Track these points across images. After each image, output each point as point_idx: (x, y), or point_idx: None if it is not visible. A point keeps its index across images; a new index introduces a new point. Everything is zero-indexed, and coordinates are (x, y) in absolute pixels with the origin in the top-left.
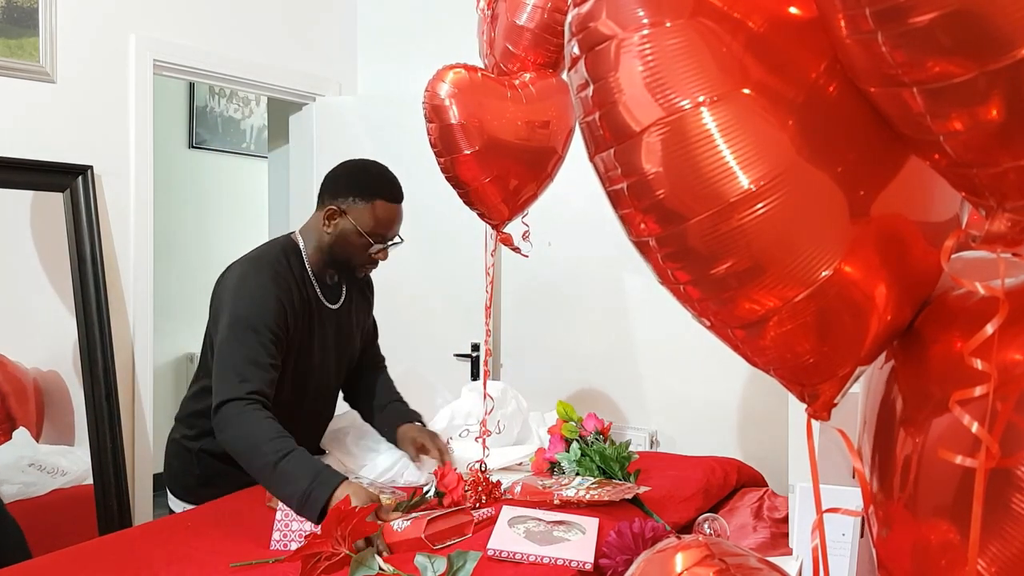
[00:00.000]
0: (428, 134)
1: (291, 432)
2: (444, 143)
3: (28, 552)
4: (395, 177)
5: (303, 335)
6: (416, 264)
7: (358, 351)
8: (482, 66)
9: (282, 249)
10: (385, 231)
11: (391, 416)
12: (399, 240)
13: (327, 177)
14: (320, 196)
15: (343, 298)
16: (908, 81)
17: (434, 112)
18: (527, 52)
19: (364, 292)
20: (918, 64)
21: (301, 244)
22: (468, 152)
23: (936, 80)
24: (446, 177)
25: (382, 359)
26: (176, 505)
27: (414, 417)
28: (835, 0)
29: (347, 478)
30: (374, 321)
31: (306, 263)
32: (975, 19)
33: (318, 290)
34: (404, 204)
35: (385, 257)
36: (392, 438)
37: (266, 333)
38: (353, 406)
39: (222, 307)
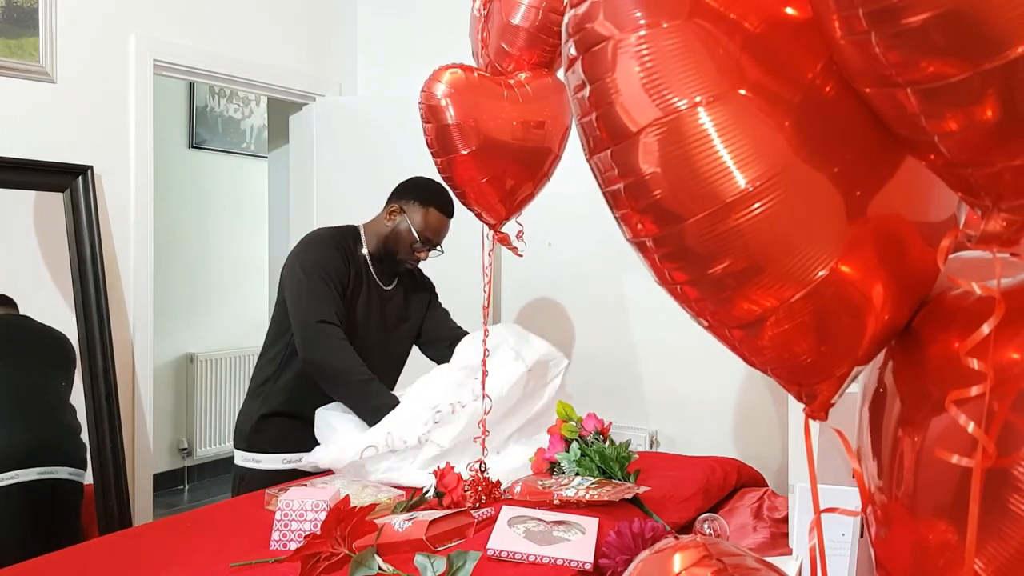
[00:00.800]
0: (424, 134)
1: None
2: (441, 143)
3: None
4: (449, 194)
5: (351, 295)
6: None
7: (414, 332)
8: (476, 66)
9: (344, 229)
10: (431, 236)
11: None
12: (440, 251)
13: (400, 184)
14: (389, 197)
15: (395, 283)
16: (902, 82)
17: (430, 112)
18: (522, 52)
19: (417, 286)
20: (912, 64)
21: (362, 233)
22: (465, 152)
23: (930, 80)
24: (443, 177)
25: (463, 332)
26: (237, 457)
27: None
28: (829, 1)
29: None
30: (443, 309)
31: (364, 246)
32: (968, 19)
33: (372, 270)
34: None
35: (425, 257)
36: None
37: (330, 279)
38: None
39: (293, 263)
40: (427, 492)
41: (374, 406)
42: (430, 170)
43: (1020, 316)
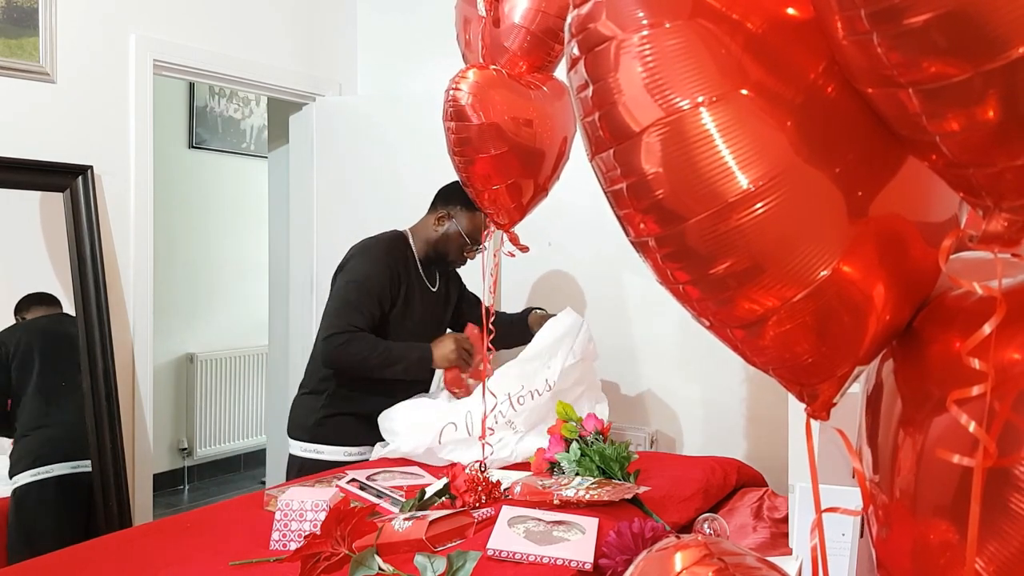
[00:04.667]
0: (447, 133)
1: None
2: (464, 144)
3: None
4: None
5: (403, 302)
6: None
7: (447, 323)
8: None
9: (394, 237)
10: (480, 237)
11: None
12: (485, 247)
13: (441, 190)
14: (433, 203)
15: (438, 284)
16: (904, 82)
17: (456, 113)
18: (523, 55)
19: (452, 278)
20: (914, 65)
21: (411, 239)
22: (487, 155)
23: (932, 81)
24: (461, 177)
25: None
26: (295, 448)
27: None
28: (831, 1)
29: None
30: (469, 296)
31: (415, 251)
32: (970, 20)
33: (422, 273)
34: (403, 203)
35: (474, 257)
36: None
37: (369, 290)
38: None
39: (340, 272)
40: (427, 493)
41: (414, 359)
42: (430, 170)
43: (1021, 316)
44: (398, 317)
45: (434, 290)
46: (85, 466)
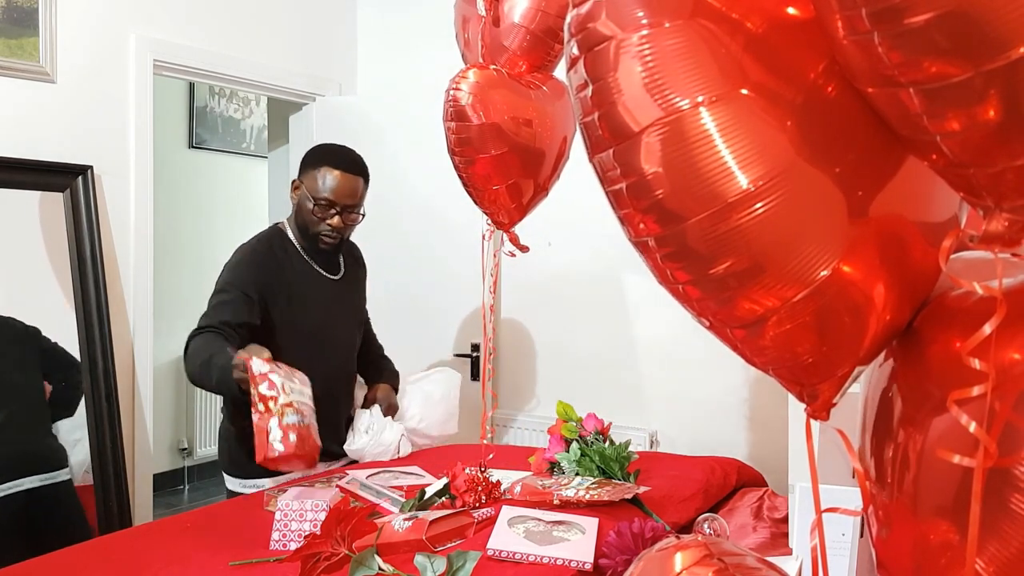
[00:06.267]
0: (448, 133)
1: (316, 385)
2: (464, 144)
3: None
4: (350, 151)
5: (291, 297)
6: (416, 264)
7: (363, 316)
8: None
9: (266, 234)
10: (330, 195)
11: (373, 373)
12: (360, 213)
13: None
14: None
15: (343, 272)
16: (905, 81)
17: (457, 113)
18: (523, 54)
19: (358, 266)
20: (914, 64)
21: (287, 228)
22: (488, 155)
23: (933, 80)
24: (460, 177)
25: (380, 348)
26: (234, 484)
27: (388, 378)
28: (831, 1)
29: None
30: (365, 311)
31: (292, 241)
32: (971, 19)
33: (313, 264)
34: (403, 203)
35: (338, 224)
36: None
37: (236, 292)
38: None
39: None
40: (427, 494)
41: (219, 365)
42: (430, 169)
43: (1021, 316)
44: (289, 316)
45: (336, 278)
46: (53, 478)
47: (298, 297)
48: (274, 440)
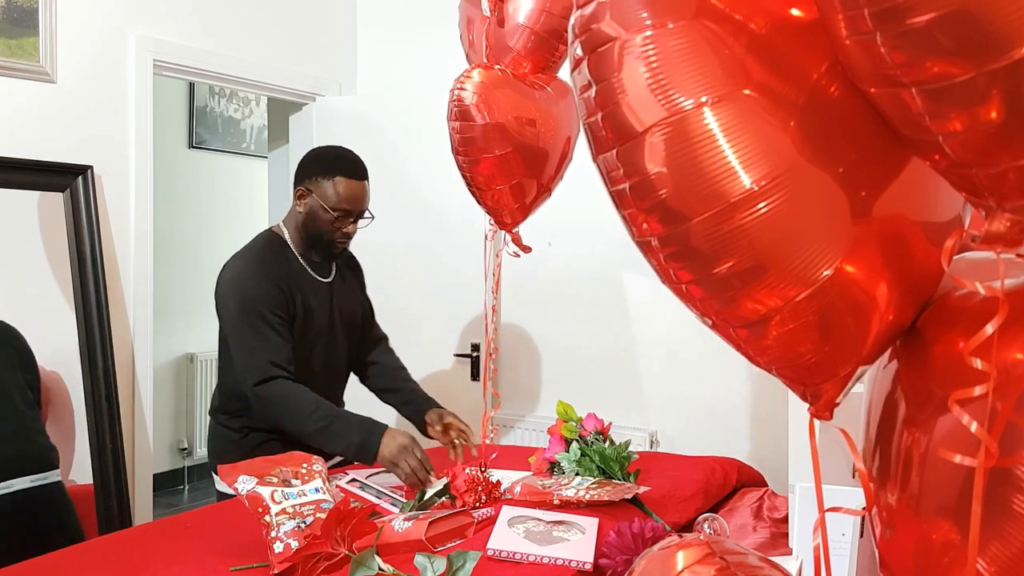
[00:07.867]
0: (452, 133)
1: (316, 385)
2: (468, 144)
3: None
4: (356, 156)
5: (302, 309)
6: (416, 264)
7: (360, 320)
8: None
9: (266, 242)
10: (347, 205)
11: (409, 403)
12: (369, 216)
13: (297, 166)
14: (294, 182)
15: (334, 273)
16: (907, 82)
17: (462, 113)
18: (527, 55)
19: (352, 269)
20: (917, 64)
21: (285, 233)
22: (492, 155)
23: (935, 80)
24: (464, 178)
25: (384, 336)
26: (223, 485)
27: (432, 403)
28: (834, 1)
29: (387, 426)
30: (369, 300)
31: (291, 246)
32: (973, 19)
33: (307, 268)
34: (403, 203)
35: (353, 231)
36: (420, 426)
37: (271, 316)
38: (364, 382)
39: (226, 303)
40: (426, 494)
41: (354, 444)
42: (430, 169)
43: (1023, 317)
44: (300, 328)
45: (327, 280)
46: (44, 479)
47: (304, 304)
48: (277, 553)
